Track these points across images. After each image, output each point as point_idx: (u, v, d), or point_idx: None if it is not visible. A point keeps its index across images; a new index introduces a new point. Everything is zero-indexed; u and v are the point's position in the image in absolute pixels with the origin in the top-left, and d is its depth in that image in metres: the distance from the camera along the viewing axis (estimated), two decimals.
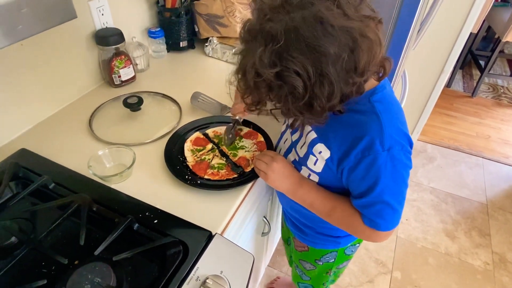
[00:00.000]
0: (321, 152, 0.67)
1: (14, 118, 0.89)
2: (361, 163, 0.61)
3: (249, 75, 0.53)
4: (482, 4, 1.68)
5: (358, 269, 1.67)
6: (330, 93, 0.51)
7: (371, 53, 0.51)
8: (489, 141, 2.48)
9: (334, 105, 0.54)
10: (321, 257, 0.96)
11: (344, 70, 0.50)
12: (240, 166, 0.84)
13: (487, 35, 3.34)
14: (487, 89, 3.03)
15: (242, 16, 1.27)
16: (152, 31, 1.24)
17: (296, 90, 0.50)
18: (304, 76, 0.49)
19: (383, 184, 0.61)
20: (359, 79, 0.53)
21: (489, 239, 1.83)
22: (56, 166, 0.81)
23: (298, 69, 0.49)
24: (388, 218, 0.65)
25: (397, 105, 0.66)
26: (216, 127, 0.95)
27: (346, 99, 0.56)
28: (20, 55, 0.85)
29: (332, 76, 0.49)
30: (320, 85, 0.50)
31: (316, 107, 0.52)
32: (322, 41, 0.47)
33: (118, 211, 0.70)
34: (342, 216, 0.72)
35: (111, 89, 1.10)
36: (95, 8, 1.02)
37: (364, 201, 0.65)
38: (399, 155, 0.60)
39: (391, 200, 0.63)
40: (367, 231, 0.69)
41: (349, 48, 0.49)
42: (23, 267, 0.63)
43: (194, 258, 0.63)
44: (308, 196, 0.74)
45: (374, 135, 0.59)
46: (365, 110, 0.61)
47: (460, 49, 1.84)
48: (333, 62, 0.48)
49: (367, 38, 0.50)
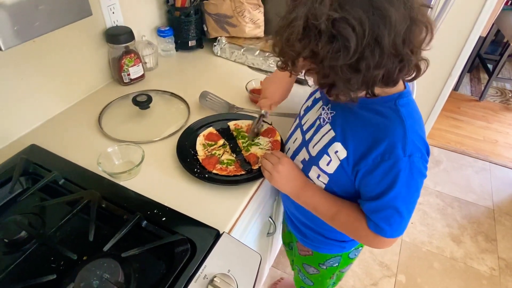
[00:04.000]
0: (338, 151, 0.66)
1: (24, 114, 0.90)
2: (379, 167, 0.60)
3: (299, 21, 0.49)
4: (492, 8, 1.67)
5: (362, 272, 1.66)
6: (379, 61, 0.50)
7: (423, 39, 0.52)
8: (496, 145, 2.46)
9: (376, 78, 0.52)
10: (325, 261, 0.95)
11: (397, 42, 0.49)
12: (249, 162, 0.84)
13: (496, 39, 3.31)
14: (495, 93, 3.00)
15: (251, 16, 1.27)
16: (161, 30, 1.25)
17: (349, 45, 0.47)
18: (360, 34, 0.47)
19: (398, 190, 0.60)
20: (407, 57, 0.51)
21: (495, 244, 1.81)
22: (65, 162, 0.81)
23: (355, 24, 0.47)
24: (394, 225, 0.64)
25: (419, 113, 0.65)
26: (238, 120, 0.96)
27: (386, 79, 0.54)
28: (31, 52, 0.86)
29: (385, 44, 0.48)
30: (372, 49, 0.49)
31: (361, 72, 0.50)
32: (386, 5, 0.47)
33: (127, 208, 0.71)
34: (346, 220, 0.71)
35: (120, 87, 1.11)
36: (106, 7, 1.02)
37: (374, 205, 0.64)
38: (418, 163, 0.60)
39: (401, 207, 0.62)
40: (370, 236, 0.68)
41: (406, 23, 0.49)
42: (33, 261, 0.64)
43: (202, 256, 0.63)
44: (312, 200, 0.74)
45: (396, 140, 0.59)
46: (389, 113, 0.61)
47: (469, 53, 1.83)
48: (389, 30, 0.48)
49: (422, 23, 0.51)
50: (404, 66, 0.53)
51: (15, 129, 0.89)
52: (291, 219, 0.95)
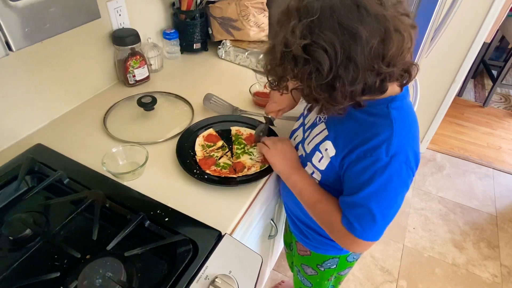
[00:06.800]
0: (327, 149, 0.68)
1: (31, 114, 0.92)
2: (360, 162, 0.61)
3: (278, 47, 0.54)
4: (497, 13, 1.67)
5: (363, 276, 1.66)
6: (353, 77, 0.51)
7: (400, 48, 0.52)
8: (499, 152, 2.45)
9: (356, 93, 0.54)
10: (323, 263, 0.96)
11: (372, 56, 0.50)
12: (235, 169, 0.84)
13: (501, 45, 3.30)
14: (499, 100, 2.99)
15: (256, 20, 1.28)
16: (167, 32, 1.26)
17: (321, 67, 0.51)
18: (332, 55, 0.50)
19: (372, 189, 0.61)
20: (385, 69, 0.52)
21: (498, 251, 1.80)
22: (70, 162, 0.83)
23: (326, 46, 0.49)
24: (366, 227, 0.63)
25: (413, 119, 0.65)
26: (240, 126, 0.97)
27: (368, 92, 0.55)
28: (39, 53, 0.87)
29: (359, 61, 0.50)
30: (345, 67, 0.50)
31: (338, 89, 0.52)
32: (355, 24, 0.48)
33: (130, 208, 0.72)
34: (324, 210, 0.72)
35: (125, 88, 1.12)
36: (113, 9, 1.04)
37: (349, 200, 0.65)
38: (400, 166, 0.60)
39: (375, 209, 0.62)
40: (342, 232, 0.67)
41: (380, 36, 0.50)
42: (37, 259, 0.65)
43: (204, 257, 0.64)
44: (300, 183, 0.75)
45: (382, 140, 0.59)
46: (380, 115, 0.62)
47: (473, 59, 1.83)
48: (362, 46, 0.49)
49: (399, 33, 0.51)
50: (385, 78, 0.54)
51: (21, 128, 0.91)
52: (292, 218, 0.96)
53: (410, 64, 0.58)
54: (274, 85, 0.63)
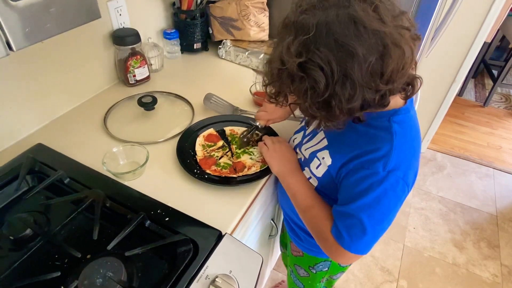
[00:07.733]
0: (324, 158, 0.68)
1: (31, 114, 0.92)
2: (357, 173, 0.61)
3: (274, 64, 0.54)
4: (497, 13, 1.67)
5: (363, 276, 1.66)
6: (351, 95, 0.50)
7: (400, 63, 0.50)
8: (500, 151, 2.45)
9: (354, 109, 0.52)
10: (315, 265, 0.95)
11: (369, 74, 0.49)
12: (235, 168, 0.84)
13: (501, 45, 3.30)
14: (500, 99, 2.99)
15: (256, 20, 1.28)
16: (167, 32, 1.26)
17: (317, 85, 0.49)
18: (328, 72, 0.48)
19: (366, 202, 0.60)
20: (383, 87, 0.51)
21: (498, 251, 1.80)
22: (71, 162, 0.83)
23: (322, 64, 0.48)
24: (354, 238, 0.62)
25: (415, 133, 0.63)
26: (234, 126, 0.96)
27: (368, 107, 0.54)
28: (39, 52, 0.87)
29: (356, 78, 0.48)
30: (342, 85, 0.49)
31: (334, 107, 0.51)
32: (351, 41, 0.47)
33: (131, 207, 0.72)
34: (315, 216, 0.71)
35: (125, 88, 1.12)
36: (113, 9, 1.04)
37: (342, 209, 0.64)
38: (396, 182, 0.59)
39: (366, 222, 0.60)
40: (329, 241, 0.66)
41: (378, 53, 0.48)
42: (37, 259, 0.65)
43: (204, 256, 0.64)
44: (295, 186, 0.75)
45: (381, 154, 0.59)
46: (381, 128, 0.60)
47: (473, 58, 1.83)
48: (359, 63, 0.48)
49: (398, 48, 0.49)
50: (385, 93, 0.53)
51: (22, 127, 0.91)
52: (286, 218, 0.96)
53: (413, 77, 0.56)
54: (272, 98, 0.62)
